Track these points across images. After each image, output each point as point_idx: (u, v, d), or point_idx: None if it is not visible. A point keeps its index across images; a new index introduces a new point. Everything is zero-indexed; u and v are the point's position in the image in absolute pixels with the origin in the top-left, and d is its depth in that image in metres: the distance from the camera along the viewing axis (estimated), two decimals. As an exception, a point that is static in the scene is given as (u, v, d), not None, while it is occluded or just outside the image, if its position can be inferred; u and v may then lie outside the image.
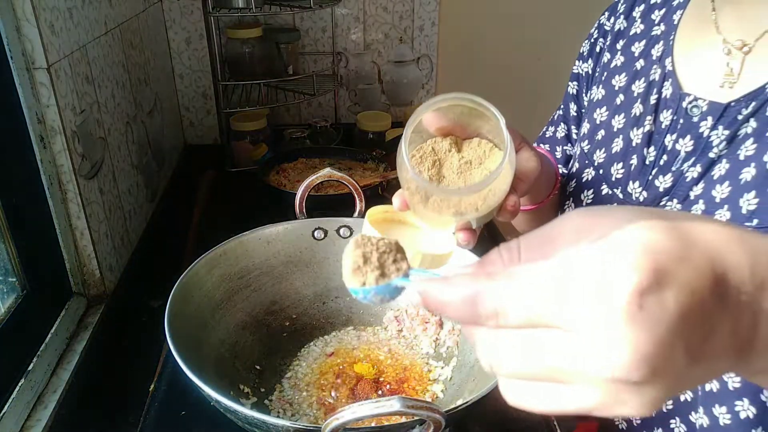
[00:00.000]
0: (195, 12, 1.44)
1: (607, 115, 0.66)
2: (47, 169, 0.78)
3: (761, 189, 0.51)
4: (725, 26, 0.57)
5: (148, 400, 0.73)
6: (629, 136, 0.62)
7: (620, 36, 0.69)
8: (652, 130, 0.60)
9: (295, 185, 1.08)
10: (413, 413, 0.44)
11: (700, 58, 0.58)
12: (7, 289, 0.75)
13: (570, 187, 0.70)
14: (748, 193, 0.51)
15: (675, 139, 0.58)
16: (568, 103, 0.78)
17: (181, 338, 0.58)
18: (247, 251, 0.75)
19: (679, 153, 0.57)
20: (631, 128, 0.62)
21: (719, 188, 0.54)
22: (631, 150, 0.62)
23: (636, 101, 0.63)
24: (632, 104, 0.63)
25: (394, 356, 0.74)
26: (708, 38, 0.58)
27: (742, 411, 0.54)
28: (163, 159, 1.30)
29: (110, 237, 0.93)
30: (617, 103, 0.65)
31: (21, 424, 0.67)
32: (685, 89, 0.58)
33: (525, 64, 1.67)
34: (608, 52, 0.69)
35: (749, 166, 0.52)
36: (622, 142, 0.63)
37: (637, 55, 0.65)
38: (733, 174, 0.53)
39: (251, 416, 0.50)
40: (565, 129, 0.79)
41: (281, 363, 0.72)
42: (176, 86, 1.51)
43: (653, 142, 0.60)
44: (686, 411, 0.59)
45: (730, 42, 0.56)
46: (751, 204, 0.51)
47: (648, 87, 0.62)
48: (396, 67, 1.58)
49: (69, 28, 0.81)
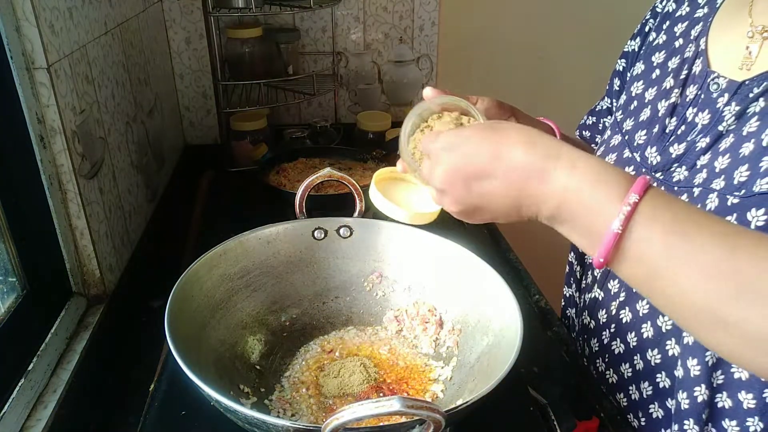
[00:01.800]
0: (195, 12, 1.44)
1: (642, 88, 0.72)
2: (47, 169, 0.78)
3: (754, 163, 0.54)
4: (757, 12, 0.61)
5: (148, 400, 0.73)
6: (657, 107, 0.68)
7: (667, 17, 0.73)
8: (677, 102, 0.65)
9: (295, 185, 1.08)
10: (413, 413, 0.44)
11: (728, 39, 0.63)
12: (7, 289, 0.75)
13: (599, 151, 0.77)
14: (742, 165, 0.55)
15: (695, 112, 0.62)
16: (613, 78, 0.84)
17: (181, 338, 0.58)
18: (247, 251, 0.75)
19: (696, 125, 0.62)
20: (660, 100, 0.68)
21: (720, 159, 0.58)
22: (656, 120, 0.67)
23: (668, 75, 0.68)
24: (665, 78, 0.68)
25: (394, 356, 0.74)
26: (739, 22, 0.62)
27: (699, 396, 0.60)
28: (163, 159, 1.30)
29: (110, 237, 0.93)
30: (652, 77, 0.71)
31: (21, 424, 0.67)
32: (712, 67, 0.63)
33: (525, 63, 1.67)
34: (654, 31, 0.75)
35: (749, 142, 0.56)
36: (650, 111, 0.69)
37: (678, 35, 0.70)
38: (735, 148, 0.57)
39: (251, 416, 0.50)
40: (608, 102, 0.87)
41: (281, 363, 0.72)
42: (176, 86, 1.51)
43: (676, 114, 0.65)
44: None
45: (756, 27, 0.60)
46: (742, 176, 0.55)
47: (681, 63, 0.67)
48: (396, 67, 1.58)
49: (69, 28, 0.81)
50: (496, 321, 0.66)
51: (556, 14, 1.62)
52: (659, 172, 0.64)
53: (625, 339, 0.69)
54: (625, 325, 0.69)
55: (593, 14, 1.63)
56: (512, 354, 0.57)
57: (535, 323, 0.96)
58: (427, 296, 0.77)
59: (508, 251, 1.15)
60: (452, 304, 0.74)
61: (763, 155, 0.54)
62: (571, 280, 0.85)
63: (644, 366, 0.67)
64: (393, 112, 1.61)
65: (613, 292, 0.72)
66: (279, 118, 1.61)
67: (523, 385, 0.74)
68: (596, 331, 0.75)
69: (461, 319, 0.73)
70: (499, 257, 1.15)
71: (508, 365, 0.55)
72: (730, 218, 0.55)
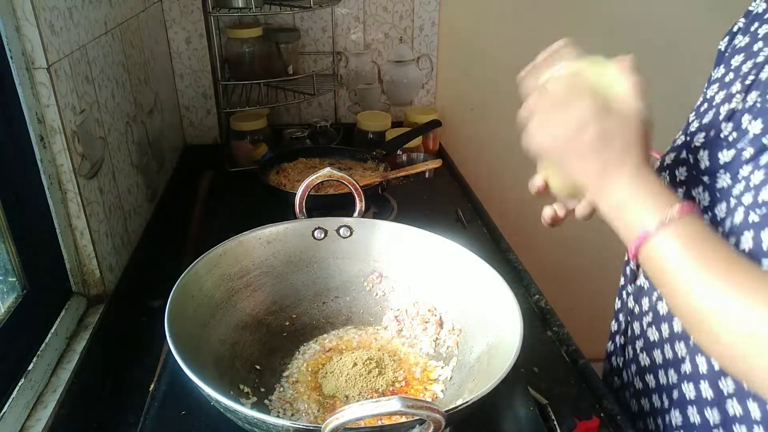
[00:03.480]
0: (195, 12, 1.44)
1: (715, 91, 0.69)
2: (47, 169, 0.78)
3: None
4: None
5: (148, 400, 0.73)
6: (719, 110, 0.65)
7: (756, 18, 0.69)
8: (737, 108, 0.62)
9: (295, 185, 1.08)
10: (413, 413, 0.44)
11: None
12: (7, 289, 0.75)
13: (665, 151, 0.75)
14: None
15: (750, 119, 0.59)
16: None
17: (181, 338, 0.58)
18: (247, 251, 0.75)
19: (748, 133, 0.58)
20: (723, 104, 0.65)
21: (757, 173, 0.56)
22: (715, 123, 0.64)
23: (738, 79, 0.65)
24: (734, 82, 0.65)
25: (394, 356, 0.74)
26: None
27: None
28: (163, 159, 1.30)
29: (110, 237, 0.93)
30: (725, 81, 0.67)
31: (21, 424, 0.67)
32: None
33: (525, 63, 1.66)
34: (741, 33, 0.71)
35: None
36: (712, 115, 0.66)
37: (761, 37, 0.66)
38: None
39: (251, 416, 0.50)
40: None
41: (281, 363, 0.72)
42: (176, 86, 1.51)
43: (733, 119, 0.62)
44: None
45: None
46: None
47: (752, 67, 0.63)
48: (396, 66, 1.58)
49: (69, 27, 0.81)
50: (496, 321, 0.66)
51: (556, 13, 1.62)
52: (706, 176, 0.63)
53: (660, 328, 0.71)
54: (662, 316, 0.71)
55: (594, 14, 1.63)
56: (512, 354, 0.57)
57: (535, 323, 0.96)
58: (427, 296, 0.77)
59: (508, 251, 1.15)
60: (452, 304, 0.74)
61: None
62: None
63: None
64: (393, 112, 1.61)
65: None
66: (279, 118, 1.61)
67: (523, 385, 0.74)
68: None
69: (461, 319, 0.73)
70: (499, 257, 1.15)
71: (508, 365, 0.55)
72: (747, 234, 0.56)
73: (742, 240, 0.56)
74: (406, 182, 1.26)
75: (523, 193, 1.48)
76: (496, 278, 0.68)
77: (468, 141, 1.72)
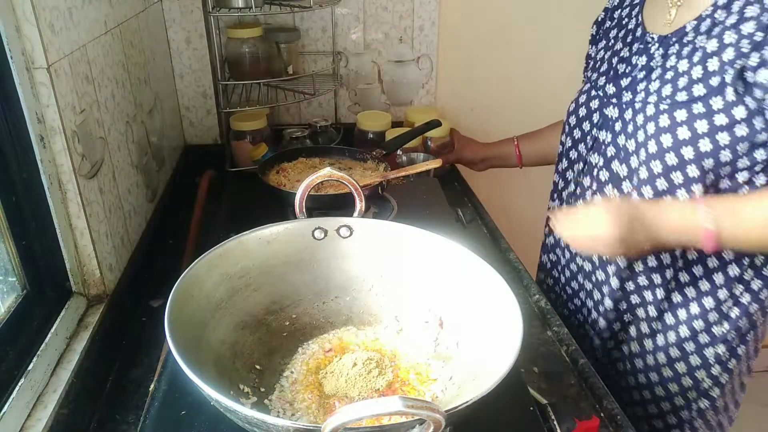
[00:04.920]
0: (195, 12, 1.44)
1: (602, 53, 1.02)
2: (47, 169, 0.78)
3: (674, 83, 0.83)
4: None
5: (148, 400, 0.73)
6: (611, 60, 0.98)
7: (615, 9, 1.04)
8: (624, 55, 0.95)
9: (295, 185, 1.07)
10: (413, 413, 0.44)
11: (657, 10, 0.92)
12: (7, 289, 0.75)
13: (579, 98, 1.03)
14: (666, 85, 0.84)
15: (637, 57, 0.92)
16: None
17: (181, 338, 0.58)
18: (247, 251, 0.75)
19: (637, 65, 0.91)
20: (613, 56, 0.98)
21: (653, 84, 0.86)
22: (611, 67, 0.97)
23: (617, 41, 0.99)
24: (616, 43, 0.99)
25: (394, 356, 0.74)
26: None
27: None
28: (163, 159, 1.30)
29: (110, 237, 0.93)
30: (609, 45, 1.01)
31: (21, 424, 0.67)
32: (648, 29, 0.92)
33: (525, 63, 1.67)
34: (608, 20, 1.06)
35: (671, 71, 0.84)
36: (606, 64, 0.99)
37: (624, 16, 1.01)
38: (661, 75, 0.85)
39: (251, 416, 0.50)
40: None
41: (281, 363, 0.72)
42: (176, 86, 1.51)
43: (624, 61, 0.94)
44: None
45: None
46: (668, 91, 0.83)
47: (626, 32, 0.97)
48: (396, 66, 1.58)
49: (69, 27, 0.81)
50: (496, 321, 0.66)
51: (556, 13, 1.62)
52: (614, 98, 0.93)
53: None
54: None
55: (593, 14, 1.63)
56: (512, 354, 0.57)
57: (535, 323, 0.96)
58: (427, 296, 0.77)
59: (508, 251, 1.15)
60: (452, 304, 0.74)
61: (678, 77, 0.82)
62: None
63: None
64: (393, 112, 1.61)
65: None
66: (279, 118, 1.61)
67: (523, 385, 0.74)
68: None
69: (461, 320, 0.73)
70: (499, 257, 1.15)
71: (508, 365, 0.55)
72: (663, 117, 0.83)
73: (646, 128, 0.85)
74: (406, 182, 1.26)
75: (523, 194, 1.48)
76: (496, 278, 0.68)
77: (468, 141, 1.72)
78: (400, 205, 1.13)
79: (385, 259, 0.79)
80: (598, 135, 0.96)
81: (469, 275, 0.72)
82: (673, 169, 0.83)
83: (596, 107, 0.97)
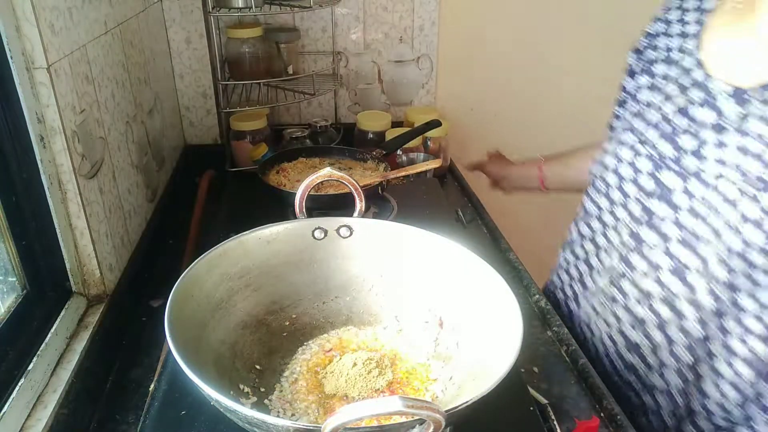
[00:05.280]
0: (195, 12, 1.44)
1: (648, 95, 0.81)
2: (47, 169, 0.78)
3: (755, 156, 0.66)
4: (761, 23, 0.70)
5: (148, 400, 0.73)
6: (664, 108, 0.76)
7: (658, 37, 0.84)
8: (684, 106, 0.74)
9: (295, 185, 1.07)
10: (413, 413, 0.44)
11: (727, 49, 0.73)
12: (7, 289, 0.75)
13: (611, 145, 0.85)
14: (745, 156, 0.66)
15: (702, 112, 0.71)
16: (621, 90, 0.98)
17: (181, 338, 0.58)
18: (247, 251, 0.75)
19: (705, 123, 0.71)
20: (666, 103, 0.77)
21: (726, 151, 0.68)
22: (666, 119, 0.76)
23: (671, 83, 0.78)
24: (667, 85, 0.78)
25: (394, 356, 0.74)
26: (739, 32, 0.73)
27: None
28: (163, 159, 1.30)
29: (110, 237, 0.93)
30: (657, 86, 0.80)
31: (21, 423, 0.67)
32: (713, 74, 0.72)
33: (525, 63, 1.67)
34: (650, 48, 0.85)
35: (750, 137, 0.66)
36: (658, 113, 0.77)
37: (674, 49, 0.81)
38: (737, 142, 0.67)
39: (251, 416, 0.50)
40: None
41: (281, 363, 0.72)
42: (176, 86, 1.51)
43: (683, 113, 0.74)
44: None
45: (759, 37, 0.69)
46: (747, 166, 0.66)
47: (682, 72, 0.76)
48: (396, 66, 1.58)
49: (69, 27, 0.81)
50: (496, 321, 0.66)
51: (556, 14, 1.62)
52: (674, 162, 0.73)
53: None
54: None
55: (593, 14, 1.63)
56: (512, 354, 0.57)
57: (535, 323, 0.96)
58: (427, 296, 0.77)
59: (508, 251, 1.15)
60: (452, 304, 0.74)
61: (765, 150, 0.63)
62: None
63: None
64: (393, 112, 1.61)
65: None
66: (279, 118, 1.61)
67: (523, 385, 0.74)
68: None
69: (461, 319, 0.73)
70: (499, 257, 1.15)
71: (508, 365, 0.55)
72: (748, 203, 0.64)
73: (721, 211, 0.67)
74: (406, 182, 1.26)
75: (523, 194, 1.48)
76: (496, 278, 0.68)
77: (468, 141, 1.72)
78: (400, 205, 1.13)
79: (385, 259, 0.79)
80: (651, 206, 0.75)
81: (469, 275, 0.72)
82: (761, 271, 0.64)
83: (648, 170, 0.76)
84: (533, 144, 1.79)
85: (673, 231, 0.72)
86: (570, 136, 1.77)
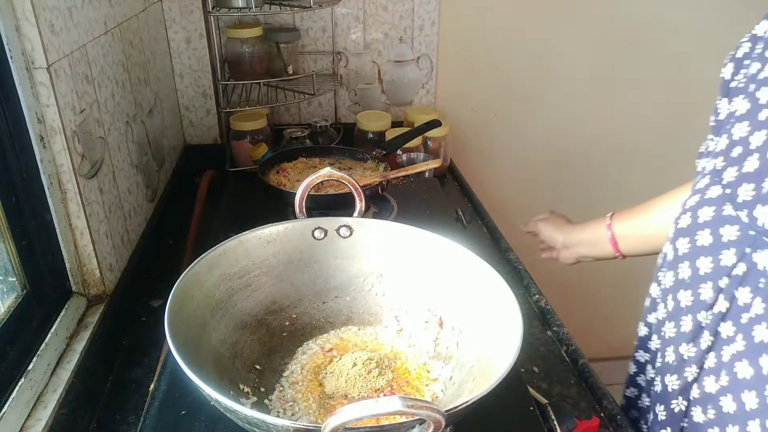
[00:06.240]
0: (195, 12, 1.44)
1: (747, 131, 0.60)
2: (47, 169, 0.78)
3: None
4: None
5: (148, 400, 0.73)
6: (766, 156, 0.56)
7: (761, 41, 0.63)
8: None
9: (295, 185, 1.07)
10: (413, 413, 0.44)
11: None
12: (7, 289, 0.75)
13: (691, 202, 0.65)
14: None
15: None
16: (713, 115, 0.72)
17: (181, 338, 0.58)
18: (247, 251, 0.75)
19: None
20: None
21: None
22: (766, 172, 0.56)
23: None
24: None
25: (394, 356, 0.74)
26: None
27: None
28: (163, 159, 1.30)
29: (110, 237, 0.93)
30: (760, 119, 0.58)
31: (21, 423, 0.67)
32: None
33: (525, 63, 1.67)
34: (758, 61, 0.62)
35: None
36: (758, 162, 0.57)
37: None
38: None
39: (251, 416, 0.50)
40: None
41: (281, 363, 0.72)
42: (176, 86, 1.51)
43: None
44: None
45: None
46: None
47: None
48: (396, 66, 1.58)
49: (69, 27, 0.81)
50: (496, 321, 0.66)
51: (556, 14, 1.62)
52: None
53: None
54: None
55: (593, 14, 1.63)
56: (512, 354, 0.57)
57: (535, 323, 0.96)
58: (427, 296, 0.77)
59: (508, 251, 1.15)
60: (452, 304, 0.74)
61: None
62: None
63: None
64: (393, 112, 1.61)
65: None
66: (279, 118, 1.61)
67: (523, 385, 0.74)
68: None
69: (461, 319, 0.73)
70: (499, 257, 1.15)
71: (508, 365, 0.55)
72: None
73: None
74: (406, 182, 1.26)
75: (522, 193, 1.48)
76: (496, 278, 0.68)
77: (468, 141, 1.72)
78: (400, 205, 1.13)
79: (385, 259, 0.79)
80: (734, 291, 0.59)
81: (469, 275, 0.72)
82: None
83: (735, 236, 0.59)
84: (533, 144, 1.79)
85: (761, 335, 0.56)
86: (570, 136, 1.78)
